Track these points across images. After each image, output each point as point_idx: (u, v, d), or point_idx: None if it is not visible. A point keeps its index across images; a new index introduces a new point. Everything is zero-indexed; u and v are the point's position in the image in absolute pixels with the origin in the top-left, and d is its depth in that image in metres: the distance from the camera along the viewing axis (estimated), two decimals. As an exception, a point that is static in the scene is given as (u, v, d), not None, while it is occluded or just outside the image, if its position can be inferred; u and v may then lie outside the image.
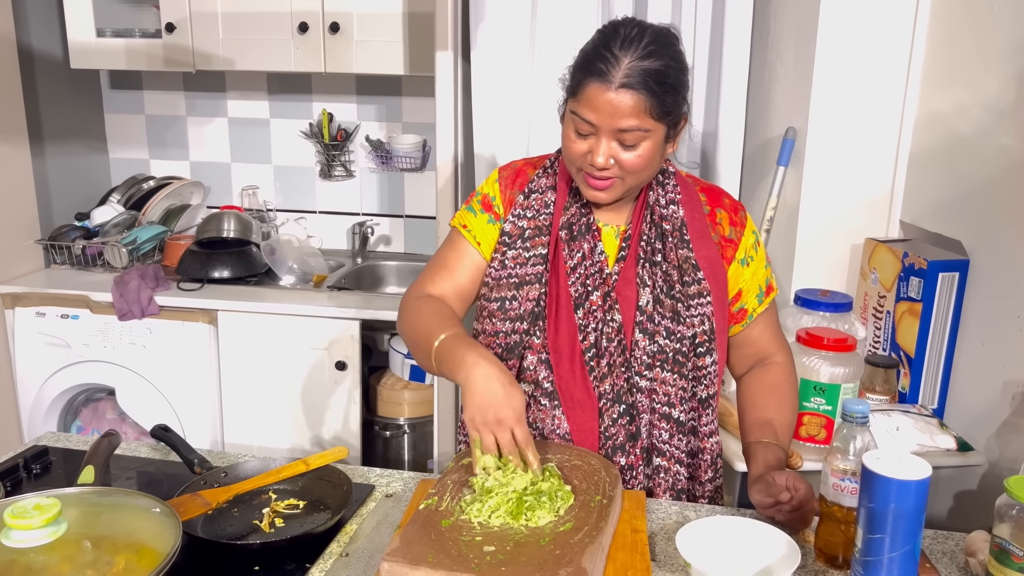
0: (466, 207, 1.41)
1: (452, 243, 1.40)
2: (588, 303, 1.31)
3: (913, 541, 0.99)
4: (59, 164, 2.90)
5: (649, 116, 1.19)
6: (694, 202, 1.37)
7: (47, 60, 2.81)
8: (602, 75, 1.18)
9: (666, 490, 1.35)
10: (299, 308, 2.51)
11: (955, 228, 1.85)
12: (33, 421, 2.66)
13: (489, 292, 1.35)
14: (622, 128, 1.20)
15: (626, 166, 1.23)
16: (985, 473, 1.72)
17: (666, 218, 1.34)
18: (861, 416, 1.12)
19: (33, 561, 0.95)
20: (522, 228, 1.35)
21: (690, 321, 1.30)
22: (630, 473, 1.32)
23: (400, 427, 2.76)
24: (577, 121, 1.23)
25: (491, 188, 1.40)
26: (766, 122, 2.23)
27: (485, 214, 1.38)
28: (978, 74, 1.78)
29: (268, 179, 3.14)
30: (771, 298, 1.41)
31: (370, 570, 1.13)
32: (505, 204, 1.37)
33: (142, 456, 1.49)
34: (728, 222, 1.37)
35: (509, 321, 1.32)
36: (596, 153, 1.22)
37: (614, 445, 1.31)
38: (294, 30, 2.61)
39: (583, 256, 1.32)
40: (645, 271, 1.32)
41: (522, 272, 1.33)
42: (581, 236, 1.33)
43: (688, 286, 1.31)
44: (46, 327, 2.58)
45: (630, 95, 1.18)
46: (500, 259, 1.34)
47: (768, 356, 1.43)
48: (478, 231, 1.38)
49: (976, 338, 1.78)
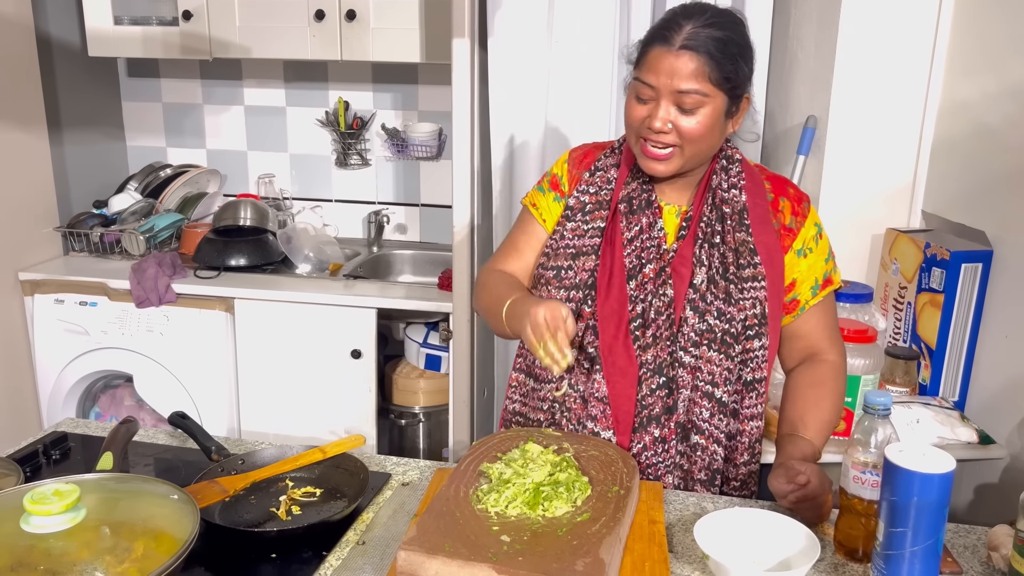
0: (537, 187, 1.47)
1: (521, 223, 1.48)
2: (641, 275, 1.33)
3: (936, 535, 0.98)
4: (77, 152, 2.91)
5: (708, 80, 1.22)
6: (758, 188, 1.37)
7: (65, 48, 2.82)
8: (665, 39, 1.23)
9: (701, 468, 1.35)
10: (315, 296, 2.51)
11: (979, 218, 1.82)
12: (52, 407, 2.68)
13: (547, 261, 1.40)
14: (681, 89, 1.22)
15: (684, 132, 1.25)
16: (1007, 466, 1.70)
17: (727, 202, 1.35)
18: (883, 408, 1.10)
19: (52, 547, 0.95)
20: (583, 203, 1.39)
21: (742, 304, 1.31)
22: (662, 446, 1.33)
23: (415, 416, 2.76)
24: (638, 86, 1.26)
25: (559, 168, 1.45)
26: (786, 110, 2.21)
27: (552, 192, 1.44)
28: (1005, 61, 1.74)
29: (284, 167, 3.14)
30: (827, 291, 1.39)
31: (386, 559, 1.13)
32: (571, 182, 1.43)
33: (160, 443, 1.49)
34: (790, 211, 1.37)
35: (564, 290, 1.36)
36: (654, 117, 1.24)
37: (650, 415, 1.32)
38: (311, 17, 2.60)
39: (640, 230, 1.35)
40: (703, 251, 1.33)
41: (579, 243, 1.37)
42: (640, 210, 1.36)
43: (743, 269, 1.32)
44: (65, 314, 2.60)
45: (690, 56, 1.21)
46: (560, 231, 1.40)
47: (820, 352, 1.41)
48: (545, 209, 1.44)
49: (999, 330, 1.75)
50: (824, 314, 1.40)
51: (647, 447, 1.33)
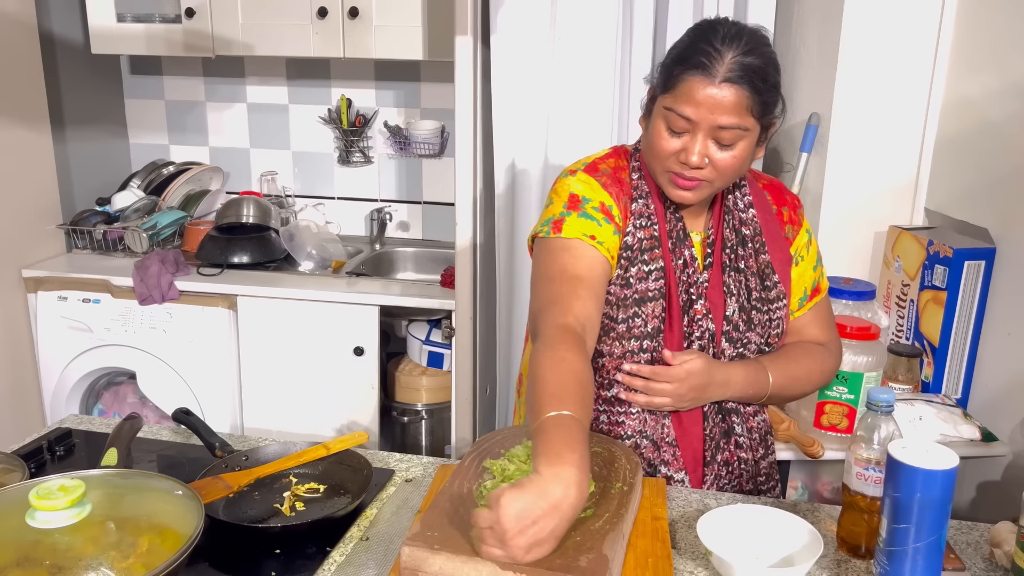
0: (579, 215, 1.24)
1: (577, 255, 1.22)
2: (692, 311, 1.29)
3: (939, 532, 0.98)
4: (80, 149, 2.91)
5: (750, 114, 1.16)
6: (763, 202, 1.36)
7: (68, 45, 2.82)
8: (704, 68, 1.14)
9: (748, 479, 1.37)
10: (318, 294, 2.51)
11: (982, 216, 1.82)
12: (55, 404, 2.69)
13: (612, 311, 1.27)
14: (722, 125, 1.15)
15: (719, 166, 1.19)
16: (1009, 464, 1.70)
17: (745, 223, 1.32)
18: (886, 405, 1.10)
19: (58, 542, 0.96)
20: (641, 240, 1.28)
21: (768, 325, 1.32)
22: (726, 468, 1.34)
23: (418, 413, 2.77)
24: (672, 117, 1.18)
25: (601, 195, 1.27)
26: (789, 107, 2.20)
27: (610, 224, 1.25)
28: (1009, 58, 1.74)
29: (287, 165, 3.14)
30: (815, 301, 1.39)
31: (390, 554, 1.13)
32: (623, 214, 1.28)
33: (163, 439, 1.50)
34: (788, 220, 1.37)
35: (636, 340, 1.26)
36: (691, 152, 1.17)
37: (716, 445, 1.33)
38: (313, 15, 2.60)
39: (685, 264, 1.29)
40: (731, 279, 1.30)
41: (644, 288, 1.27)
42: (680, 244, 1.29)
43: (769, 291, 1.32)
44: (68, 311, 2.61)
45: (733, 90, 1.14)
46: (623, 276, 1.27)
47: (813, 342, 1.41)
48: (609, 244, 1.25)
49: (1002, 328, 1.75)
50: (818, 313, 1.40)
51: (719, 476, 1.34)
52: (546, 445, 0.95)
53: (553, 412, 0.99)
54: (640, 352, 1.27)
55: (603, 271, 1.24)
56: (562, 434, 0.96)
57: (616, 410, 1.31)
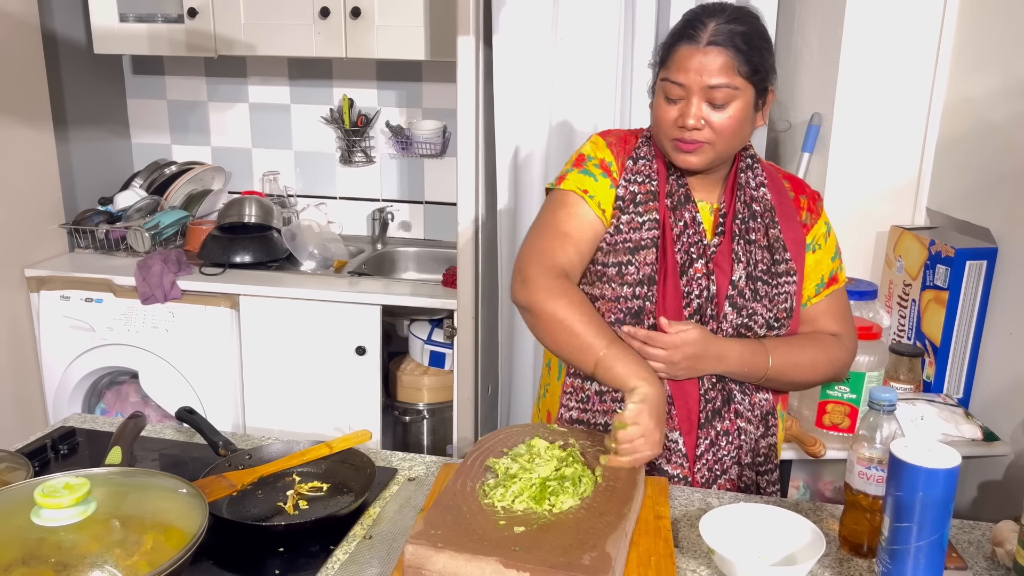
0: (579, 171, 1.37)
1: (569, 208, 1.35)
2: (692, 270, 1.33)
3: (941, 530, 0.98)
4: (82, 149, 2.92)
5: (737, 73, 1.24)
6: (779, 186, 1.40)
7: (71, 45, 2.83)
8: (691, 38, 1.24)
9: (747, 452, 1.37)
10: (320, 293, 2.52)
11: (983, 215, 1.82)
12: (58, 403, 2.69)
13: (604, 257, 1.35)
14: (712, 85, 1.23)
15: (716, 127, 1.26)
16: (1011, 463, 1.70)
17: (756, 199, 1.36)
18: (888, 404, 1.11)
19: (63, 539, 0.96)
20: (634, 192, 1.36)
21: (776, 299, 1.34)
22: (726, 439, 1.35)
23: (419, 412, 2.77)
24: (667, 86, 1.27)
25: (604, 153, 1.38)
26: (791, 107, 2.21)
27: (606, 179, 1.36)
28: (1009, 59, 1.75)
29: (289, 165, 3.15)
30: (831, 290, 1.41)
31: (393, 553, 1.13)
32: (619, 168, 1.38)
33: (167, 438, 1.50)
34: (807, 208, 1.41)
35: (628, 286, 1.33)
36: (687, 115, 1.25)
37: (713, 409, 1.34)
38: (315, 15, 2.61)
39: (685, 225, 1.34)
40: (740, 247, 1.35)
41: (637, 237, 1.34)
42: (681, 206, 1.35)
43: (778, 264, 1.35)
44: (70, 310, 2.61)
45: (718, 51, 1.23)
46: (615, 223, 1.35)
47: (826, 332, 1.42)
48: (602, 197, 1.35)
49: (1003, 327, 1.75)
50: (833, 303, 1.42)
51: (713, 442, 1.34)
52: (617, 375, 1.20)
53: (601, 352, 1.22)
54: (633, 299, 1.32)
55: (592, 231, 1.35)
56: (619, 363, 1.21)
57: None
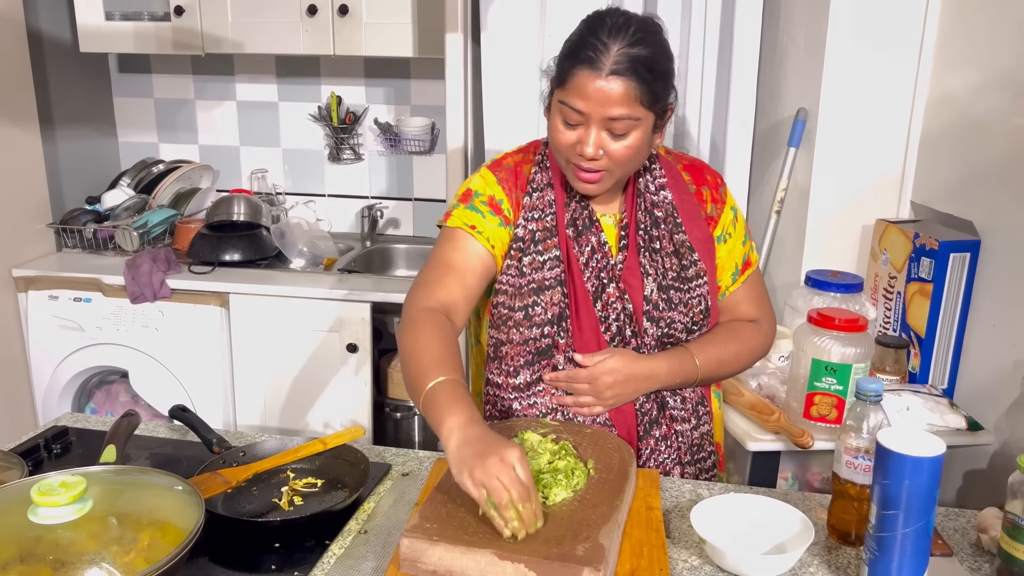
0: (466, 207, 1.32)
1: (456, 244, 1.30)
2: (605, 295, 1.32)
3: (927, 517, 1.00)
4: (69, 148, 2.91)
5: (639, 104, 1.19)
6: (680, 183, 1.38)
7: (56, 44, 2.82)
8: (591, 62, 1.17)
9: (686, 449, 1.38)
10: (310, 291, 2.52)
11: (967, 208, 1.85)
12: (47, 403, 2.68)
13: (510, 300, 1.31)
14: (612, 116, 1.19)
15: (615, 156, 1.22)
16: (995, 452, 1.73)
17: (657, 204, 1.35)
18: (875, 395, 1.12)
19: (60, 537, 0.97)
20: (532, 231, 1.32)
21: (691, 303, 1.34)
22: (665, 443, 1.36)
23: (410, 409, 2.77)
24: (566, 111, 1.21)
25: (494, 190, 1.34)
26: (777, 103, 2.23)
27: (496, 217, 1.32)
28: (991, 54, 1.77)
29: (277, 162, 3.15)
30: (747, 275, 1.42)
31: (388, 547, 1.14)
32: (514, 208, 1.33)
33: (160, 436, 1.50)
34: (711, 199, 1.39)
35: (536, 327, 1.30)
36: (585, 143, 1.21)
37: (650, 420, 1.35)
38: (303, 12, 2.60)
39: (592, 250, 1.33)
40: (646, 259, 1.34)
41: (540, 277, 1.31)
42: (586, 230, 1.33)
43: (687, 269, 1.34)
44: (59, 310, 2.60)
45: (620, 82, 1.17)
46: (517, 266, 1.31)
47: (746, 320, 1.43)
48: (491, 234, 1.31)
49: (987, 319, 1.78)
50: (749, 289, 1.42)
51: (653, 449, 1.36)
52: (437, 412, 1.07)
53: (435, 380, 1.10)
54: (542, 338, 1.30)
55: (481, 263, 1.30)
56: (445, 400, 1.08)
57: (526, 394, 1.34)
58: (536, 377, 1.33)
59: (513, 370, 1.33)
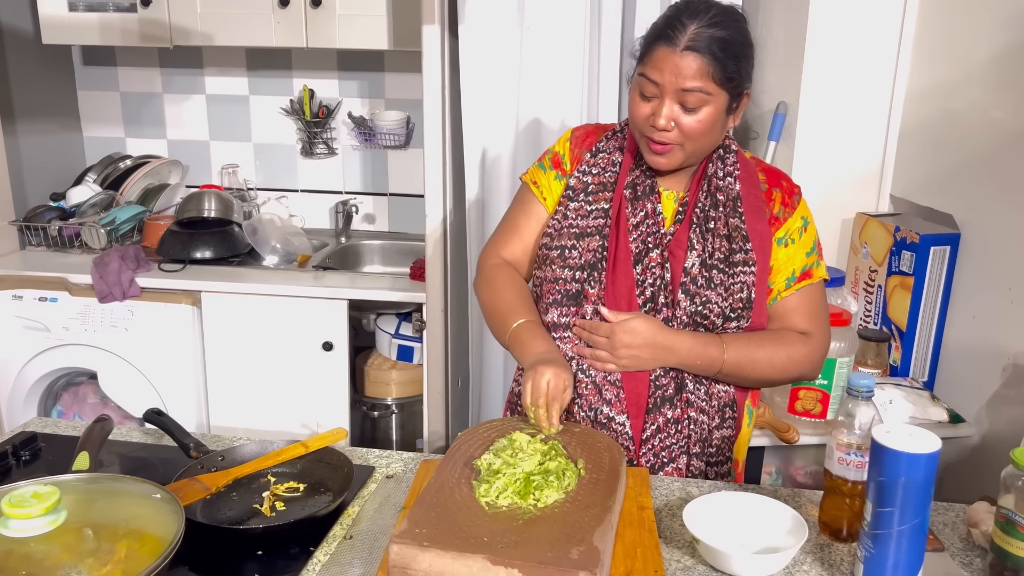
0: (538, 164, 1.48)
1: (521, 201, 1.49)
2: (647, 259, 1.35)
3: (922, 514, 0.99)
4: (32, 143, 2.82)
5: (711, 80, 1.24)
6: (752, 179, 1.39)
7: (17, 36, 2.73)
8: (669, 39, 1.25)
9: (696, 441, 1.37)
10: (284, 288, 2.47)
11: (946, 202, 1.85)
12: (12, 407, 2.60)
13: (550, 241, 1.40)
14: (685, 88, 1.24)
15: (687, 130, 1.27)
16: (976, 445, 1.74)
17: (721, 189, 1.37)
18: (866, 390, 1.12)
19: (33, 551, 0.92)
20: (586, 183, 1.41)
21: (732, 288, 1.33)
22: (675, 427, 1.35)
23: (388, 407, 2.74)
24: (643, 83, 1.28)
25: (561, 147, 1.47)
26: (757, 97, 2.22)
27: (553, 171, 1.45)
28: (969, 48, 1.78)
29: (248, 157, 3.08)
30: (803, 284, 1.38)
31: (375, 552, 1.11)
32: (572, 161, 1.44)
33: (134, 441, 1.46)
34: (780, 202, 1.39)
35: (569, 269, 1.37)
36: (659, 115, 1.26)
37: (663, 396, 1.34)
38: (275, 4, 2.55)
39: (645, 215, 1.37)
40: (695, 236, 1.35)
41: (583, 224, 1.38)
42: (644, 197, 1.38)
43: (735, 254, 1.34)
44: (23, 310, 2.52)
45: (694, 57, 1.23)
46: (563, 211, 1.41)
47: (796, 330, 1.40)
48: (546, 187, 1.45)
49: (967, 311, 1.79)
50: (804, 299, 1.39)
51: (660, 428, 1.34)
52: (521, 346, 1.34)
53: (520, 320, 1.37)
54: (572, 282, 1.37)
55: (537, 221, 1.46)
56: (529, 336, 1.35)
57: (553, 336, 1.38)
58: (564, 320, 1.37)
59: (544, 307, 1.40)
